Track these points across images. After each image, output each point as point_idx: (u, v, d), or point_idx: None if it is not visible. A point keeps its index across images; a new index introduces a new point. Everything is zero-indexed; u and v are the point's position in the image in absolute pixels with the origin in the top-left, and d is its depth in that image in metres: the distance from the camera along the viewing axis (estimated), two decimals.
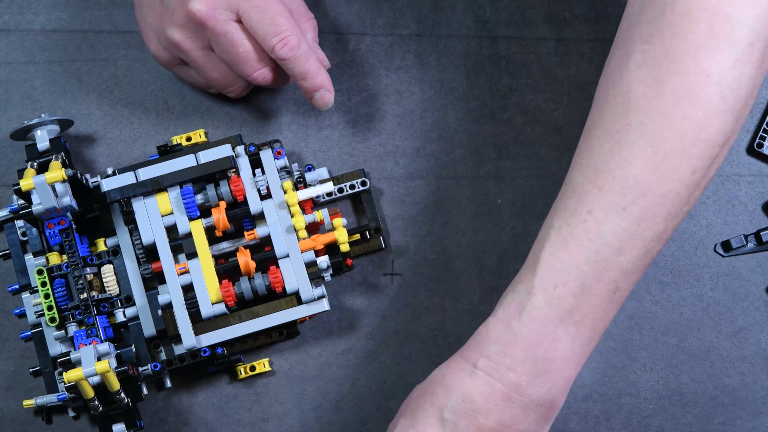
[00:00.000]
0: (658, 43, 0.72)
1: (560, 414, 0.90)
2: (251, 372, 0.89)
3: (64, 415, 0.90)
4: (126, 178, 0.87)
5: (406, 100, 0.93)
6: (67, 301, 0.86)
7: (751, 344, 0.91)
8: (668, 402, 0.90)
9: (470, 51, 0.94)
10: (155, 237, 0.87)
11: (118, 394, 0.83)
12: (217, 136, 0.93)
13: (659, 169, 0.72)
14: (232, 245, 0.88)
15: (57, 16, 0.94)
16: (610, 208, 0.73)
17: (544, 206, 0.91)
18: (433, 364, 0.90)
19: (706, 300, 0.91)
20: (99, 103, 0.93)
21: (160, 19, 0.85)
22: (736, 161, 0.93)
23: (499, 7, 0.94)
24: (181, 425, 0.90)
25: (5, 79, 0.93)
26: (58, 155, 0.86)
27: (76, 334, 0.85)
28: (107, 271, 0.88)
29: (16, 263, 0.89)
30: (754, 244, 0.91)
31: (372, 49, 0.94)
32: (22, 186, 0.82)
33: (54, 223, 0.86)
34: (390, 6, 0.94)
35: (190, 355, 0.86)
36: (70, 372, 0.80)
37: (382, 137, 0.93)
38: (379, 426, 0.90)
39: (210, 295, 0.86)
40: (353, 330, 0.91)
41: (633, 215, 0.73)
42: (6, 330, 0.91)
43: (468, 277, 0.91)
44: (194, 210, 0.87)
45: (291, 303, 0.86)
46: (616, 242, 0.73)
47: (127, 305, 0.88)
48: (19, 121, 0.92)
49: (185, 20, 0.83)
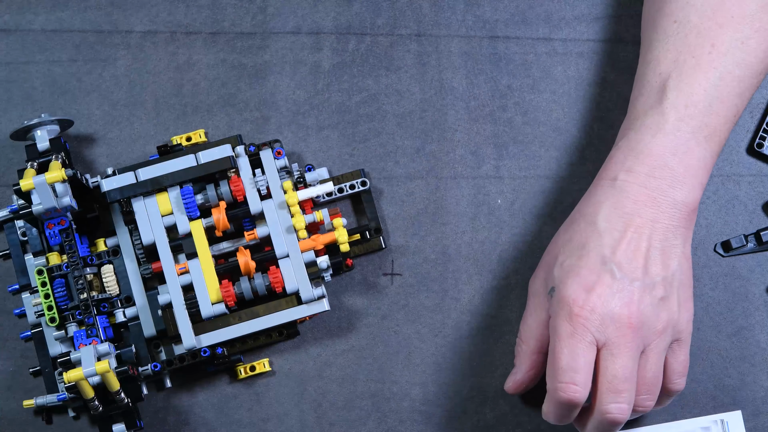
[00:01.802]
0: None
1: None
2: (251, 372, 0.89)
3: (64, 415, 0.90)
4: (126, 178, 0.87)
5: (406, 100, 0.93)
6: (67, 301, 0.86)
7: (751, 344, 0.91)
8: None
9: (470, 51, 0.94)
10: (155, 237, 0.87)
11: (118, 394, 0.83)
12: (217, 136, 0.93)
13: None
14: (232, 245, 0.88)
15: (57, 16, 0.94)
16: (730, 42, 0.82)
17: (543, 206, 0.91)
18: (433, 364, 0.90)
19: (706, 300, 0.91)
20: (99, 103, 0.93)
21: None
22: (736, 161, 0.93)
23: (499, 7, 0.94)
24: (181, 425, 0.90)
25: (5, 79, 0.93)
26: (58, 155, 0.86)
27: (76, 334, 0.85)
28: (107, 271, 0.88)
29: (16, 263, 0.89)
30: (754, 244, 0.91)
31: (372, 49, 0.94)
32: (22, 186, 0.82)
33: (54, 223, 0.86)
34: (390, 6, 0.94)
35: (190, 355, 0.86)
36: (70, 372, 0.80)
37: (382, 137, 0.93)
38: (379, 426, 0.90)
39: (210, 295, 0.86)
40: (353, 330, 0.91)
41: (750, 47, 0.82)
42: (6, 330, 0.91)
43: (468, 277, 0.91)
44: (194, 210, 0.87)
45: (291, 303, 0.86)
46: (737, 71, 0.82)
47: (127, 305, 0.88)
48: (19, 121, 0.92)
49: (578, 312, 0.81)
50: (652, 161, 0.81)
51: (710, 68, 0.81)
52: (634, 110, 0.84)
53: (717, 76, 0.81)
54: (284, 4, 0.94)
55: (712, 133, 0.82)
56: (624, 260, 0.79)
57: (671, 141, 0.81)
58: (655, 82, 0.83)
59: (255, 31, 0.94)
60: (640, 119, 0.82)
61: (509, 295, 0.91)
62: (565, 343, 0.78)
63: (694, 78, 0.81)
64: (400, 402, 0.90)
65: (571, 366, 0.78)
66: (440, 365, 0.90)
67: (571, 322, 0.79)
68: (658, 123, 0.81)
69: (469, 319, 0.91)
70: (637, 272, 0.79)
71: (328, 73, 0.94)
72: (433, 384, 0.90)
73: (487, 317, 0.91)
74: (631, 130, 0.83)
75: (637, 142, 0.81)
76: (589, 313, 0.78)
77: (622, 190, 0.81)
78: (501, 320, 0.91)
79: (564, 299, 0.79)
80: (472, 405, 0.90)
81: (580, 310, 0.78)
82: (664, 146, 0.81)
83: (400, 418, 0.90)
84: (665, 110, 0.81)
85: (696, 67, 0.82)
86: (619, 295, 0.79)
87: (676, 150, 0.81)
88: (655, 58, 0.84)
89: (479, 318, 0.91)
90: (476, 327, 0.91)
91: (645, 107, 0.83)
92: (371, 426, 0.90)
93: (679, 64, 0.82)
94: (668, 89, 0.82)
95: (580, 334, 0.78)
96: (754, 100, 0.93)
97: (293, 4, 0.94)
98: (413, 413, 0.90)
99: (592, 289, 0.79)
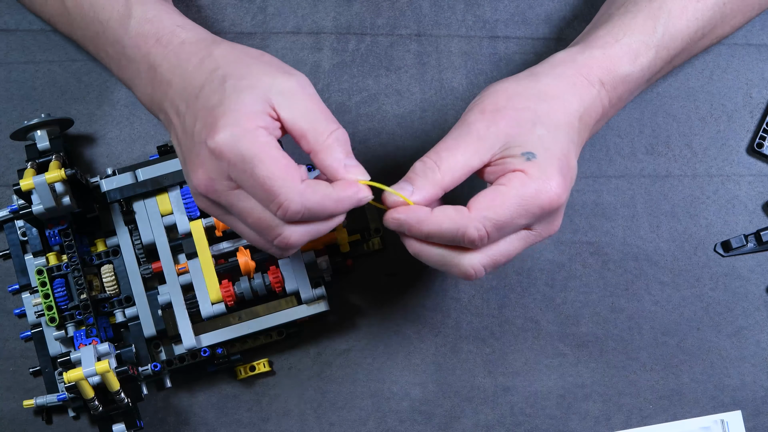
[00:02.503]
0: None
1: (560, 414, 0.90)
2: (251, 372, 0.89)
3: (64, 415, 0.90)
4: (126, 178, 0.87)
5: (406, 100, 0.93)
6: (67, 301, 0.86)
7: (751, 344, 0.91)
8: (668, 402, 0.90)
9: (470, 51, 0.94)
10: (155, 237, 0.87)
11: (118, 394, 0.83)
12: None
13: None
14: (232, 245, 0.88)
15: None
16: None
17: None
18: (433, 364, 0.90)
19: (706, 300, 0.91)
20: (99, 103, 0.93)
21: (189, 182, 0.78)
22: (736, 161, 0.93)
23: (499, 7, 0.94)
24: (181, 425, 0.90)
25: (5, 79, 0.93)
26: (57, 155, 0.86)
27: (76, 334, 0.85)
28: (107, 271, 0.88)
29: (15, 263, 0.89)
30: (754, 244, 0.91)
31: (372, 49, 0.94)
32: (22, 186, 0.82)
33: (54, 224, 0.86)
34: (390, 6, 0.94)
35: (190, 355, 0.86)
36: (70, 372, 0.80)
37: (382, 137, 0.93)
38: (379, 426, 0.90)
39: (210, 295, 0.86)
40: (353, 330, 0.91)
41: (726, 11, 0.83)
42: (6, 330, 0.91)
43: None
44: (194, 210, 0.87)
45: (291, 303, 0.87)
46: (707, 29, 0.83)
47: (127, 305, 0.88)
48: (19, 121, 0.92)
49: (194, 192, 0.75)
50: (623, 90, 0.80)
51: (693, 18, 0.82)
52: (618, 22, 0.82)
53: (695, 28, 0.82)
54: (284, 4, 0.94)
55: (654, 74, 0.83)
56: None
57: (638, 78, 0.81)
58: (647, 8, 0.81)
59: (255, 31, 0.94)
60: (634, 33, 0.81)
61: (509, 295, 0.91)
62: (520, 240, 0.76)
63: (679, 22, 0.81)
64: (400, 402, 0.90)
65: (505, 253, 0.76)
66: (440, 365, 0.90)
67: (546, 198, 0.74)
68: (639, 55, 0.80)
69: (470, 319, 0.91)
70: None
71: (328, 73, 0.94)
72: (433, 384, 0.90)
73: (488, 317, 0.91)
74: (626, 35, 0.81)
75: (619, 62, 0.80)
76: (560, 199, 0.74)
77: (595, 98, 0.79)
78: (501, 320, 0.91)
79: (549, 176, 0.74)
80: (472, 405, 0.90)
81: (557, 193, 0.74)
82: (636, 78, 0.80)
83: (400, 418, 0.90)
84: (650, 45, 0.80)
85: (684, 11, 0.82)
86: (565, 194, 0.75)
87: (636, 86, 0.81)
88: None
89: (479, 318, 0.91)
90: (476, 327, 0.91)
91: (638, 20, 0.81)
92: (371, 426, 0.90)
93: (668, 2, 0.82)
94: (659, 25, 0.81)
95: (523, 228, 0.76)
96: (754, 100, 0.93)
97: (293, 4, 0.94)
98: (413, 413, 0.90)
99: (565, 178, 0.75)
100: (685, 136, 0.93)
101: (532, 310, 0.91)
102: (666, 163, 0.93)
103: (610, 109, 0.80)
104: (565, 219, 0.91)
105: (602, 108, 0.79)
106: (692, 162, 0.93)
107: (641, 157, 0.93)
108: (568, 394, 0.90)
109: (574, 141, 0.77)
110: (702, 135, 0.93)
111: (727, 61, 0.94)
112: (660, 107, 0.93)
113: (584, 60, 0.79)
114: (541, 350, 0.91)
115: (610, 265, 0.92)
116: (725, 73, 0.94)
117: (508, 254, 0.76)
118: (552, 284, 0.91)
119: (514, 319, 0.91)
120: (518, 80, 0.78)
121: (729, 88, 0.93)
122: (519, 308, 0.91)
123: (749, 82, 0.93)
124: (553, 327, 0.91)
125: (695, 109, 0.93)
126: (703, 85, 0.93)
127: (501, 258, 0.75)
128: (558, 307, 0.91)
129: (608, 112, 0.81)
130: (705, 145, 0.93)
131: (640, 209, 0.92)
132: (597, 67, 0.79)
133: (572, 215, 0.92)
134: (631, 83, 0.80)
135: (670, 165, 0.93)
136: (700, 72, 0.94)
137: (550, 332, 0.91)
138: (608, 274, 0.92)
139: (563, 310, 0.91)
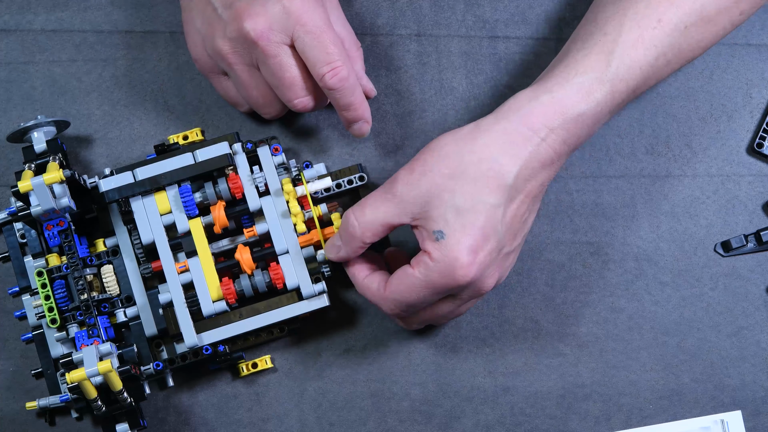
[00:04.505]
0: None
1: (560, 414, 0.90)
2: (253, 369, 0.89)
3: (66, 416, 0.89)
4: (124, 178, 0.87)
5: (406, 100, 0.93)
6: (68, 302, 0.86)
7: (751, 344, 0.91)
8: (668, 402, 0.90)
9: (470, 51, 0.94)
10: (154, 236, 0.87)
11: (120, 394, 0.82)
12: (215, 135, 0.92)
13: (721, 3, 0.82)
14: (232, 243, 0.88)
15: (57, 16, 0.94)
16: (677, 23, 0.81)
17: (542, 206, 0.91)
18: (433, 365, 0.90)
19: (706, 300, 0.91)
20: (99, 103, 0.93)
21: (210, 27, 0.85)
22: (736, 161, 0.93)
23: (499, 7, 0.94)
24: (181, 425, 0.90)
25: (5, 79, 0.93)
26: (55, 156, 0.85)
27: (78, 334, 0.85)
28: (107, 271, 0.88)
29: (15, 265, 0.89)
30: (754, 244, 0.91)
31: (372, 49, 0.94)
32: (20, 188, 0.82)
33: (53, 225, 0.86)
34: (390, 6, 0.94)
35: (192, 353, 0.86)
36: (73, 373, 0.80)
37: (382, 137, 0.93)
38: (379, 426, 0.90)
39: (210, 293, 0.86)
40: (353, 330, 0.91)
41: (690, 35, 0.82)
42: (6, 330, 0.91)
43: None
44: (193, 208, 0.87)
45: (291, 299, 0.86)
46: (670, 54, 0.82)
47: (127, 305, 0.88)
48: (18, 121, 0.92)
49: (237, 35, 0.83)
50: (575, 129, 0.80)
51: (651, 46, 0.81)
52: (572, 59, 0.81)
53: (654, 56, 0.81)
54: None
55: (617, 106, 0.82)
56: (509, 228, 0.80)
57: (597, 113, 0.80)
58: (606, 38, 0.81)
59: None
60: (586, 71, 0.80)
61: (509, 294, 0.91)
62: (446, 304, 0.82)
63: (635, 53, 0.80)
64: (400, 402, 0.90)
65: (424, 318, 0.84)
66: (440, 365, 0.90)
67: (451, 279, 0.78)
68: (593, 92, 0.80)
69: (469, 319, 0.91)
70: (512, 241, 0.81)
71: None
72: (433, 384, 0.90)
73: (488, 317, 0.91)
74: (578, 74, 0.80)
75: (570, 103, 0.80)
76: (466, 277, 0.78)
77: (538, 148, 0.79)
78: (501, 320, 0.91)
79: (452, 259, 0.78)
80: (472, 405, 0.90)
81: (463, 273, 0.78)
82: (590, 116, 0.80)
83: (400, 418, 0.90)
84: (605, 79, 0.80)
85: (640, 40, 0.80)
86: (494, 265, 0.80)
87: (597, 122, 0.81)
88: (604, 18, 0.82)
89: (479, 318, 0.91)
90: (476, 327, 0.91)
91: (592, 56, 0.81)
92: (371, 426, 0.90)
93: (625, 30, 0.80)
94: (614, 57, 0.80)
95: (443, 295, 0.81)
96: (754, 100, 0.93)
97: None
98: (413, 413, 0.90)
99: (477, 253, 0.78)
100: (685, 136, 0.93)
101: (532, 310, 0.91)
102: (666, 163, 0.93)
103: (566, 148, 0.80)
104: (565, 219, 0.91)
105: (553, 151, 0.80)
106: (692, 162, 0.93)
107: (641, 157, 0.93)
108: (568, 394, 0.90)
109: (503, 203, 0.78)
110: (702, 135, 0.93)
111: (727, 61, 0.94)
112: (660, 107, 0.93)
113: (531, 108, 0.80)
114: (541, 350, 0.91)
115: (610, 265, 0.92)
116: (725, 73, 0.94)
117: (437, 315, 0.83)
118: (552, 284, 0.91)
119: (514, 319, 0.91)
120: (457, 138, 0.80)
121: (729, 88, 0.94)
122: (519, 308, 0.91)
123: (749, 82, 0.93)
124: (553, 327, 0.91)
125: (695, 109, 0.93)
126: (703, 85, 0.94)
127: (429, 319, 0.84)
128: (558, 307, 0.91)
129: (565, 150, 0.81)
130: (705, 145, 0.93)
131: (640, 209, 0.92)
132: (542, 114, 0.79)
133: (572, 215, 0.92)
134: (586, 120, 0.80)
135: (670, 165, 0.93)
136: (700, 72, 0.94)
137: (550, 332, 0.91)
138: (608, 274, 0.92)
139: (563, 310, 0.91)
